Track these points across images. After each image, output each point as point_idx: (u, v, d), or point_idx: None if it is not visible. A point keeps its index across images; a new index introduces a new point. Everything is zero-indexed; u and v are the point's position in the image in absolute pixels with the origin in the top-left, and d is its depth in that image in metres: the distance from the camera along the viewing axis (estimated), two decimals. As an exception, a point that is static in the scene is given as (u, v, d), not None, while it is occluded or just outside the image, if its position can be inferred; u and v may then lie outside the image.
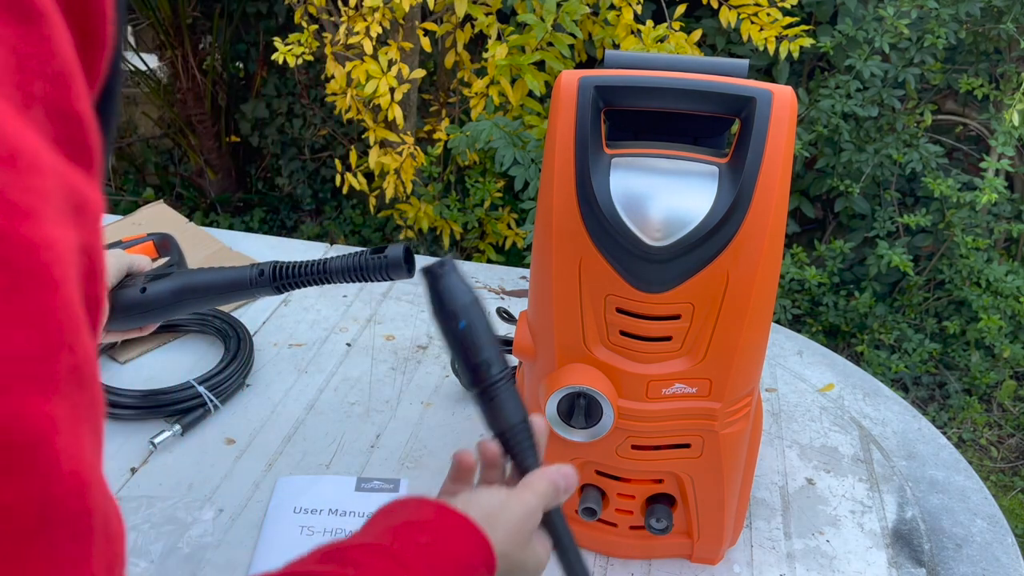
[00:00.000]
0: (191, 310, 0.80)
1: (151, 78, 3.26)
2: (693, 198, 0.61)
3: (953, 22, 2.30)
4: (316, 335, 1.09)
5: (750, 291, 0.63)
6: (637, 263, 0.63)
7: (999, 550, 0.82)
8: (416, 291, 1.19)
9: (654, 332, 0.65)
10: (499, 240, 2.62)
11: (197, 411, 0.93)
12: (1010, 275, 2.35)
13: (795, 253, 2.55)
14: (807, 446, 0.94)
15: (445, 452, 0.90)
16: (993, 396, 2.52)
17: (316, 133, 3.13)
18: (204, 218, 3.16)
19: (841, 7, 2.48)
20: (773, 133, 0.60)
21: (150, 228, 1.27)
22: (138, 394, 0.94)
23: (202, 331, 1.07)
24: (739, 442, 0.71)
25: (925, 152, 2.42)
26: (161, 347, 1.05)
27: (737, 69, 0.65)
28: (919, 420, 1.00)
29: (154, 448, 0.89)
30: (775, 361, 1.08)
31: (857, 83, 2.38)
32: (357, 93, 2.07)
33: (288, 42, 2.09)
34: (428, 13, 2.31)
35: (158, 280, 0.74)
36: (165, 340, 1.06)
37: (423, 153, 2.31)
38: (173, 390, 0.94)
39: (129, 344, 1.02)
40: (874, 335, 2.54)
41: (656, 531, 0.74)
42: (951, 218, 2.44)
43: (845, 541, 0.82)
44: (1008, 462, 2.37)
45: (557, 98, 0.63)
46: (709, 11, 2.22)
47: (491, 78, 2.06)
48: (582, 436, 0.68)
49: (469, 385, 0.56)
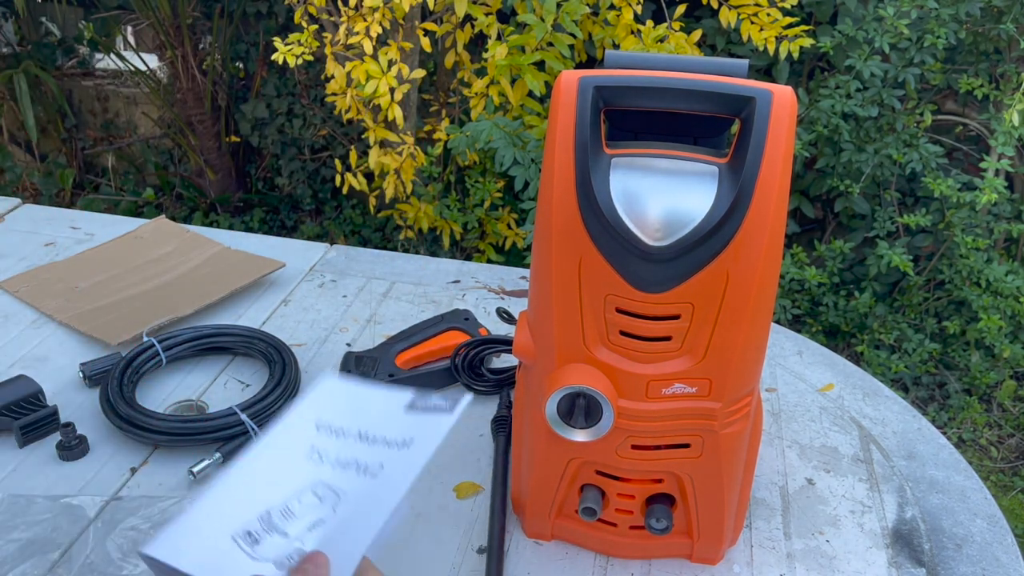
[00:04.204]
0: None
1: (151, 78, 3.26)
2: (693, 198, 0.61)
3: (953, 22, 2.30)
4: (316, 335, 1.09)
5: (750, 291, 0.63)
6: (637, 263, 0.63)
7: (999, 550, 0.82)
8: (416, 291, 1.19)
9: (654, 332, 0.65)
10: (499, 240, 2.62)
11: (239, 439, 0.89)
12: (1010, 275, 2.35)
13: (795, 253, 2.55)
14: (807, 446, 0.94)
15: (445, 452, 0.90)
16: (993, 396, 2.52)
17: (316, 133, 3.13)
18: (204, 218, 3.16)
19: (841, 7, 2.49)
20: (773, 133, 0.60)
21: (152, 243, 1.26)
22: (178, 420, 0.90)
23: (248, 354, 1.03)
24: (739, 442, 0.72)
25: (925, 152, 2.42)
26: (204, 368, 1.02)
27: (737, 69, 0.65)
28: (919, 420, 1.00)
29: (194, 477, 0.85)
30: (775, 361, 1.08)
31: (857, 83, 2.39)
32: (357, 93, 2.07)
33: (288, 42, 2.09)
34: (428, 13, 2.31)
35: None
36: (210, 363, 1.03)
37: (423, 153, 2.31)
38: (215, 416, 0.90)
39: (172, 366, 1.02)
40: (874, 335, 2.54)
41: (656, 531, 0.74)
42: (951, 218, 2.44)
43: (845, 541, 0.82)
44: (1008, 462, 2.37)
45: (557, 98, 0.63)
46: (709, 11, 2.22)
47: (491, 78, 2.06)
48: (582, 436, 0.68)
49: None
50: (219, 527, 0.61)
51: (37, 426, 0.89)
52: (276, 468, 0.66)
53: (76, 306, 1.11)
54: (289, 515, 0.63)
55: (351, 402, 0.72)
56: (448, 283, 1.22)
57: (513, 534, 0.80)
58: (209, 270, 1.19)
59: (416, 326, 1.05)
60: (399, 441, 0.67)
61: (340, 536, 0.61)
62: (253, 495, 0.64)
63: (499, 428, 0.90)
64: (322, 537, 0.62)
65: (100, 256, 1.23)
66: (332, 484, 0.65)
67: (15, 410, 0.90)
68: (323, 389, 0.72)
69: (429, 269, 1.25)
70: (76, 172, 3.45)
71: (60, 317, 1.09)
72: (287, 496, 0.64)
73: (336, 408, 0.71)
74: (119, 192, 3.41)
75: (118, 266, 1.20)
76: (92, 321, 1.07)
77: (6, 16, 3.47)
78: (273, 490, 0.64)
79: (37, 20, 3.54)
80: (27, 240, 1.29)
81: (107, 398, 0.92)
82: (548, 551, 0.79)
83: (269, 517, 0.63)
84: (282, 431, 0.69)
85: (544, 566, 0.77)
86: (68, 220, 1.36)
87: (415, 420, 0.69)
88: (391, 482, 0.64)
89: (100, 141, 3.52)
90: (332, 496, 0.64)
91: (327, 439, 0.68)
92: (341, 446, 0.68)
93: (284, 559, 0.60)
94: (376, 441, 0.68)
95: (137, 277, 1.17)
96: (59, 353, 1.04)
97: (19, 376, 0.94)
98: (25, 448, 0.89)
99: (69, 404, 0.94)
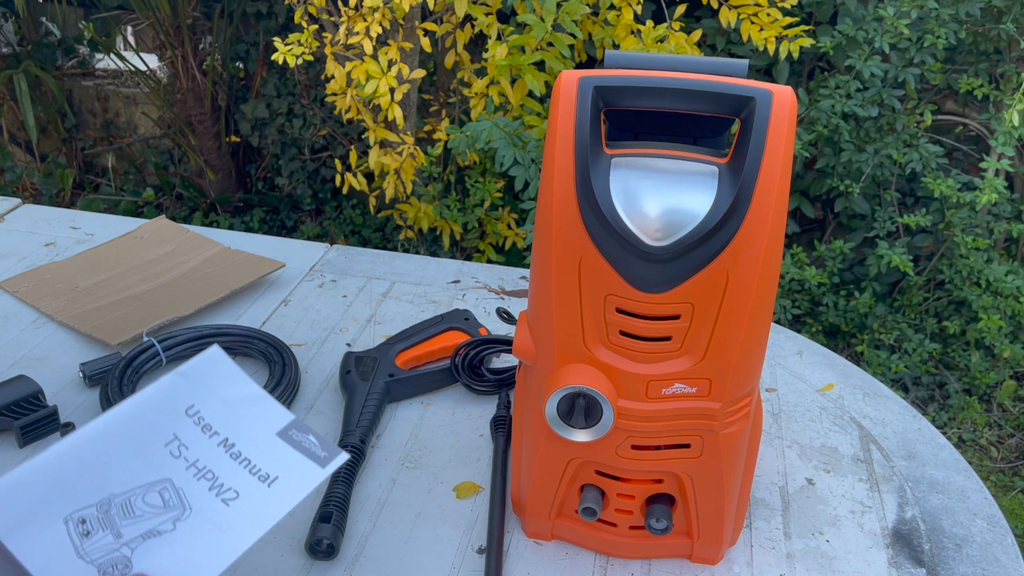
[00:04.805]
0: None
1: (151, 78, 3.26)
2: (693, 198, 0.61)
3: (953, 22, 2.30)
4: (316, 335, 1.09)
5: (750, 291, 0.63)
6: (637, 263, 0.63)
7: (999, 550, 0.82)
8: (416, 291, 1.19)
9: (654, 332, 0.65)
10: (499, 240, 2.62)
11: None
12: (1010, 275, 2.35)
13: (795, 253, 2.55)
14: (807, 446, 0.94)
15: (445, 452, 0.90)
16: (993, 396, 2.52)
17: (316, 133, 3.13)
18: (204, 218, 3.16)
19: (841, 7, 2.48)
20: (773, 133, 0.60)
21: (152, 243, 1.26)
22: None
23: (248, 354, 1.03)
24: (739, 442, 0.72)
25: (925, 152, 2.42)
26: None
27: (737, 69, 0.65)
28: (919, 420, 1.00)
29: None
30: (775, 361, 1.08)
31: (857, 83, 2.39)
32: (357, 93, 2.07)
33: (288, 42, 2.09)
34: (428, 13, 2.31)
35: None
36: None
37: (423, 153, 2.31)
38: None
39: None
40: (874, 335, 2.54)
41: (656, 531, 0.74)
42: (951, 218, 2.44)
43: (845, 541, 0.82)
44: (1008, 462, 2.37)
45: (557, 98, 0.63)
46: (709, 11, 2.22)
47: (491, 78, 2.06)
48: (582, 436, 0.68)
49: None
50: (57, 500, 0.57)
51: (37, 426, 0.89)
52: (132, 445, 0.61)
53: (76, 306, 1.11)
54: (129, 512, 0.59)
55: (228, 391, 0.66)
56: (448, 283, 1.22)
57: (513, 534, 0.80)
58: (209, 270, 1.19)
59: (416, 326, 1.05)
60: (263, 474, 0.62)
61: (173, 564, 0.58)
62: (100, 470, 0.59)
63: (499, 428, 0.90)
64: (154, 554, 0.58)
65: (100, 256, 1.23)
66: (182, 492, 0.61)
67: (15, 410, 0.90)
68: (209, 360, 0.67)
69: (429, 269, 1.25)
70: (76, 172, 3.45)
71: (60, 317, 1.09)
72: (133, 487, 0.60)
73: (212, 394, 0.65)
74: (119, 192, 3.41)
75: (118, 266, 1.20)
76: (92, 321, 1.07)
77: (6, 16, 3.47)
78: (122, 472, 0.60)
79: (37, 20, 3.54)
80: (27, 240, 1.29)
81: (107, 398, 0.92)
82: (548, 551, 0.79)
83: (108, 508, 0.59)
84: (151, 399, 0.64)
85: (544, 566, 0.77)
86: (68, 220, 1.36)
87: (284, 454, 0.64)
88: (241, 524, 0.60)
89: (100, 141, 3.52)
90: (178, 507, 0.60)
91: (192, 431, 0.63)
92: (204, 449, 0.63)
93: (109, 567, 0.57)
94: (239, 459, 0.63)
95: (137, 277, 1.17)
96: (59, 353, 1.04)
97: (19, 376, 0.94)
98: (25, 448, 0.89)
99: (69, 404, 0.94)
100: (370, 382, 0.95)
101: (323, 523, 0.76)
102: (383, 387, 0.94)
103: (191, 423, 0.64)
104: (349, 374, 0.96)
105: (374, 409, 0.92)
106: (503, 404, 0.93)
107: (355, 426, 0.89)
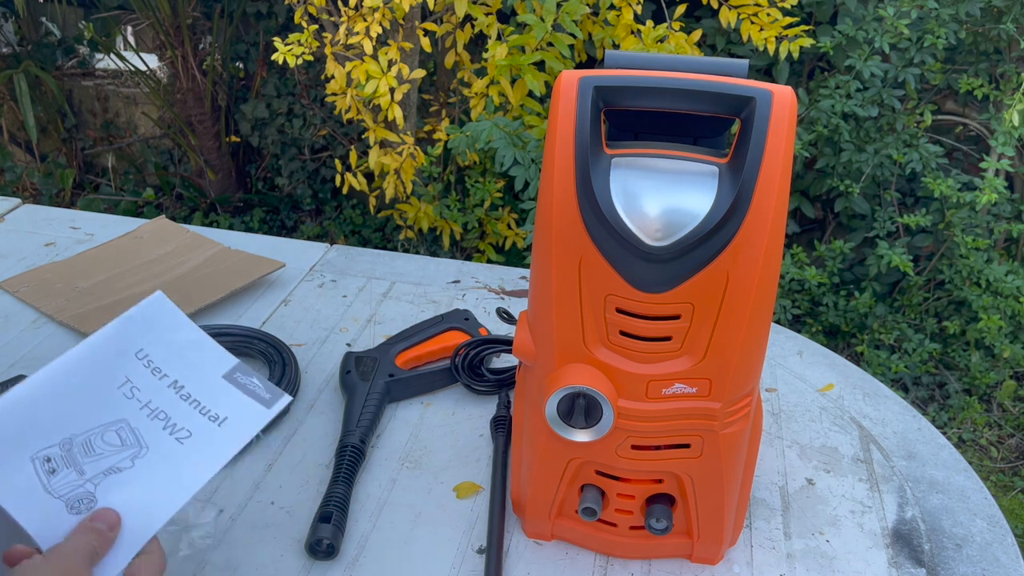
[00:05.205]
0: None
1: (151, 78, 3.26)
2: (693, 198, 0.61)
3: (953, 22, 2.30)
4: (316, 335, 1.09)
5: (750, 291, 0.63)
6: (637, 263, 0.63)
7: (999, 550, 0.82)
8: (416, 291, 1.19)
9: (654, 332, 0.65)
10: (499, 240, 2.62)
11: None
12: (1010, 275, 2.35)
13: (795, 253, 2.55)
14: (807, 446, 0.94)
15: (445, 452, 0.90)
16: (993, 396, 2.52)
17: (316, 133, 3.13)
18: (204, 218, 3.16)
19: (841, 7, 2.49)
20: (773, 133, 0.60)
21: (152, 243, 1.26)
22: None
23: (248, 354, 1.02)
24: (739, 442, 0.72)
25: (925, 152, 2.42)
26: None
27: (737, 69, 0.65)
28: (919, 420, 1.00)
29: None
30: (775, 361, 1.08)
31: (857, 83, 2.39)
32: (357, 93, 2.07)
33: (288, 42, 2.09)
34: (428, 13, 2.31)
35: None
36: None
37: (423, 153, 2.31)
38: None
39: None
40: (874, 335, 2.54)
41: (656, 531, 0.74)
42: (951, 218, 2.44)
43: (845, 541, 0.82)
44: (1008, 462, 2.37)
45: (557, 98, 0.63)
46: (709, 11, 2.23)
47: (491, 78, 2.06)
48: (582, 436, 0.68)
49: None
50: (21, 440, 0.60)
51: (37, 426, 0.89)
52: (86, 387, 0.64)
53: (76, 306, 1.11)
54: (89, 450, 0.62)
55: (174, 336, 0.69)
56: (448, 283, 1.22)
57: (513, 534, 0.80)
58: (209, 270, 1.19)
59: (416, 326, 1.05)
60: (212, 415, 0.66)
61: (135, 499, 0.61)
62: (59, 412, 0.62)
63: (499, 428, 0.90)
64: (116, 490, 0.61)
65: (100, 256, 1.23)
66: (138, 431, 0.64)
67: (15, 410, 0.90)
68: (154, 304, 0.70)
69: (429, 269, 1.25)
70: (76, 172, 3.45)
71: (60, 317, 1.09)
72: (91, 427, 0.63)
73: (159, 338, 0.68)
74: (119, 192, 3.41)
75: (118, 266, 1.20)
76: (92, 321, 1.07)
77: (6, 16, 3.47)
78: (79, 413, 0.63)
79: (37, 20, 3.54)
80: (27, 240, 1.29)
81: (107, 398, 0.92)
82: (548, 551, 0.79)
83: (70, 447, 0.61)
84: (102, 344, 0.67)
85: (544, 566, 0.77)
86: (68, 220, 1.36)
87: (231, 396, 0.68)
88: (196, 461, 0.63)
89: (100, 141, 3.52)
90: (135, 445, 0.63)
91: (143, 374, 0.66)
92: (155, 390, 0.66)
93: (76, 501, 0.59)
94: (189, 401, 0.67)
95: (137, 277, 1.17)
96: (59, 353, 1.03)
97: (19, 376, 0.94)
98: (25, 448, 0.89)
99: (69, 404, 0.94)
100: (370, 382, 0.95)
101: (323, 523, 0.76)
102: (383, 387, 0.94)
103: (141, 366, 0.67)
104: (349, 374, 0.96)
105: (374, 409, 0.92)
106: (503, 404, 0.93)
107: (355, 426, 0.89)
